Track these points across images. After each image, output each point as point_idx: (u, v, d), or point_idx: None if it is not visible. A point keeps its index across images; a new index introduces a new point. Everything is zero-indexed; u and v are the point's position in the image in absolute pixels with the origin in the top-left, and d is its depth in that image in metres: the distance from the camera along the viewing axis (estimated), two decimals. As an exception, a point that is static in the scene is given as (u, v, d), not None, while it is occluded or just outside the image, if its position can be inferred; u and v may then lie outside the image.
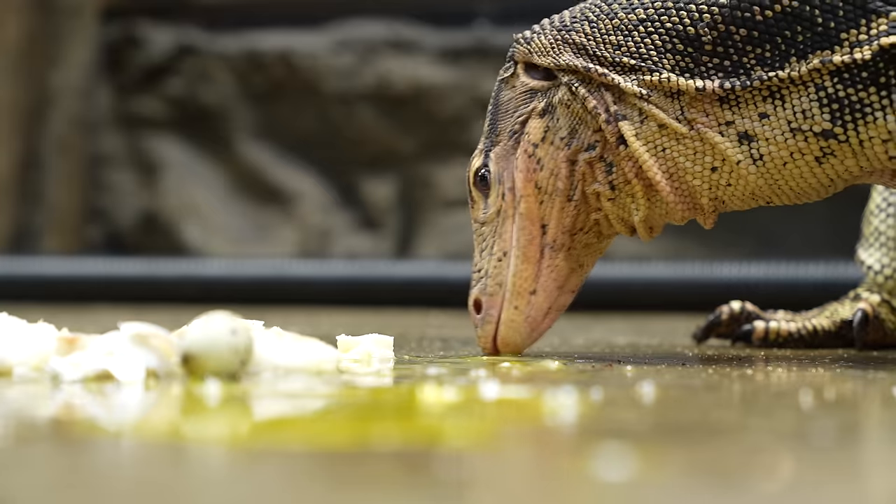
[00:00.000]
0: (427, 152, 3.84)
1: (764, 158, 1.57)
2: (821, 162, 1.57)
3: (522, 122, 1.64)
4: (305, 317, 2.81)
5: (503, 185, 1.64)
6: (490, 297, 1.63)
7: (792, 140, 1.56)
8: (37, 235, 4.01)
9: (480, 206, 1.66)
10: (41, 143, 4.03)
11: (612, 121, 1.60)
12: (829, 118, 1.55)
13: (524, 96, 1.65)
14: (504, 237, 1.63)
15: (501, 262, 1.63)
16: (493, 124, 1.66)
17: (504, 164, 1.64)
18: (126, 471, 0.91)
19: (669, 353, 1.80)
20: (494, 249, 1.64)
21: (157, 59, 4.06)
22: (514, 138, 1.64)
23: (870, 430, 1.15)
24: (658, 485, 0.85)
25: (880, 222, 1.88)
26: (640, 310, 3.00)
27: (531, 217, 1.62)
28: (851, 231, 2.06)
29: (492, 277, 1.63)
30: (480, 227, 1.66)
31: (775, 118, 1.56)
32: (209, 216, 4.01)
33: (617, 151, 1.60)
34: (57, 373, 1.32)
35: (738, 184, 1.59)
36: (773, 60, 1.56)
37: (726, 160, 1.58)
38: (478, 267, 1.65)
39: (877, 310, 1.85)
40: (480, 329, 1.64)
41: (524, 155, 1.63)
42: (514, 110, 1.65)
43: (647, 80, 1.59)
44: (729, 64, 1.57)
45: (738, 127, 1.57)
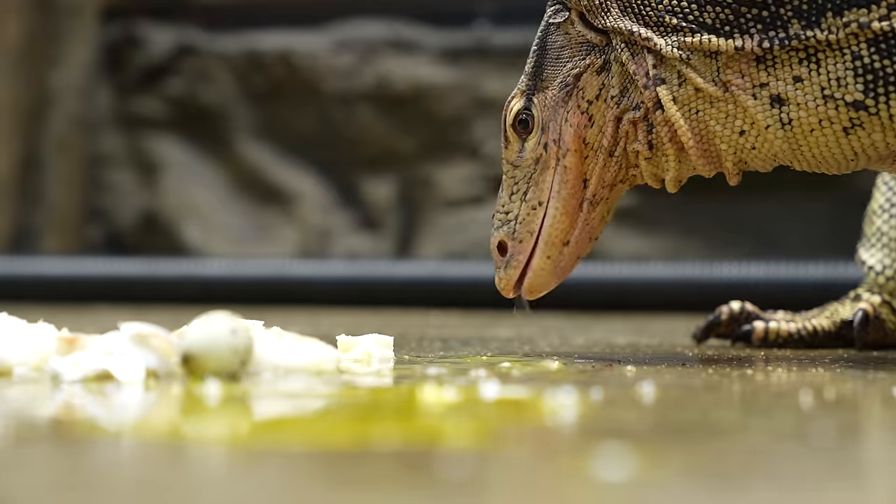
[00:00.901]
0: (427, 152, 3.84)
1: (793, 123, 1.58)
2: (848, 133, 1.57)
3: (577, 76, 1.63)
4: (305, 317, 2.81)
5: (547, 134, 1.64)
6: (519, 244, 1.64)
7: (823, 107, 1.57)
8: (37, 235, 4.01)
9: (515, 149, 1.66)
10: (41, 143, 4.03)
11: (651, 85, 1.60)
12: (863, 88, 1.55)
13: (580, 47, 1.64)
14: (542, 187, 1.64)
15: (536, 210, 1.64)
16: (539, 68, 1.65)
17: (550, 114, 1.64)
18: (126, 471, 0.90)
19: (669, 353, 1.80)
20: (528, 196, 1.64)
21: (157, 59, 4.05)
22: (566, 90, 1.64)
23: (870, 430, 1.15)
24: (658, 485, 0.85)
25: (883, 223, 1.88)
26: (640, 310, 3.00)
27: (576, 171, 1.63)
28: (851, 231, 2.06)
29: (523, 224, 1.64)
30: (513, 170, 1.66)
31: (809, 83, 1.57)
32: (209, 216, 4.01)
33: (655, 115, 1.61)
34: (57, 373, 1.32)
35: (763, 147, 1.60)
36: (808, 13, 1.56)
37: (755, 124, 1.59)
38: (506, 209, 1.65)
39: (877, 310, 1.85)
40: (503, 271, 1.65)
41: (577, 110, 1.63)
42: (568, 60, 1.64)
43: (687, 42, 1.59)
44: (767, 15, 1.57)
45: (771, 89, 1.58)
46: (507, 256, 1.65)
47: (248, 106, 3.99)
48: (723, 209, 3.57)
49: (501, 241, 1.66)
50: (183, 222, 4.02)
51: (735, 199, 3.53)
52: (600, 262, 3.21)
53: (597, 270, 3.12)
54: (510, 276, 1.65)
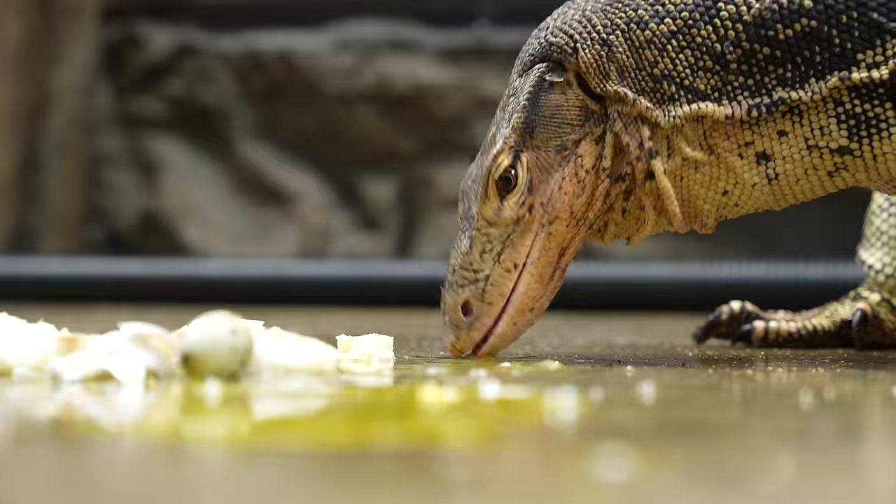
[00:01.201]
0: (427, 152, 3.84)
1: (779, 177, 1.58)
2: (832, 176, 1.58)
3: (576, 142, 1.58)
4: (305, 317, 2.81)
5: (534, 196, 1.57)
6: (489, 306, 1.57)
7: (808, 157, 1.57)
8: (37, 235, 4.01)
9: (493, 205, 1.58)
10: (41, 143, 4.03)
11: (645, 157, 1.57)
12: (847, 134, 1.55)
13: (578, 112, 1.59)
14: (519, 250, 1.57)
15: (510, 273, 1.57)
16: (530, 125, 1.58)
17: (541, 177, 1.58)
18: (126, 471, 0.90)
19: (669, 353, 1.80)
20: (503, 258, 1.57)
21: (157, 59, 4.06)
22: (564, 155, 1.58)
23: (870, 430, 1.15)
24: (658, 485, 0.85)
25: (882, 222, 1.88)
26: (640, 310, 3.00)
27: (559, 240, 1.58)
28: (851, 231, 2.06)
29: (494, 286, 1.57)
30: (487, 227, 1.58)
31: (793, 136, 1.57)
32: (209, 216, 4.01)
33: (643, 185, 1.58)
34: (57, 373, 1.32)
35: (747, 203, 1.60)
36: (793, 80, 1.56)
37: (739, 183, 1.58)
38: (475, 267, 1.57)
39: (876, 309, 1.85)
40: (465, 333, 1.57)
41: (573, 178, 1.58)
42: (564, 123, 1.58)
43: (683, 112, 1.57)
44: (752, 83, 1.56)
45: (756, 147, 1.57)
46: (470, 318, 1.57)
47: (248, 106, 4.00)
48: (723, 209, 3.57)
49: (467, 300, 1.57)
50: (183, 222, 4.02)
51: (735, 199, 3.53)
52: (600, 262, 3.21)
53: (597, 270, 3.12)
54: (472, 339, 1.58)
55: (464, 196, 1.62)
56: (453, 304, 1.57)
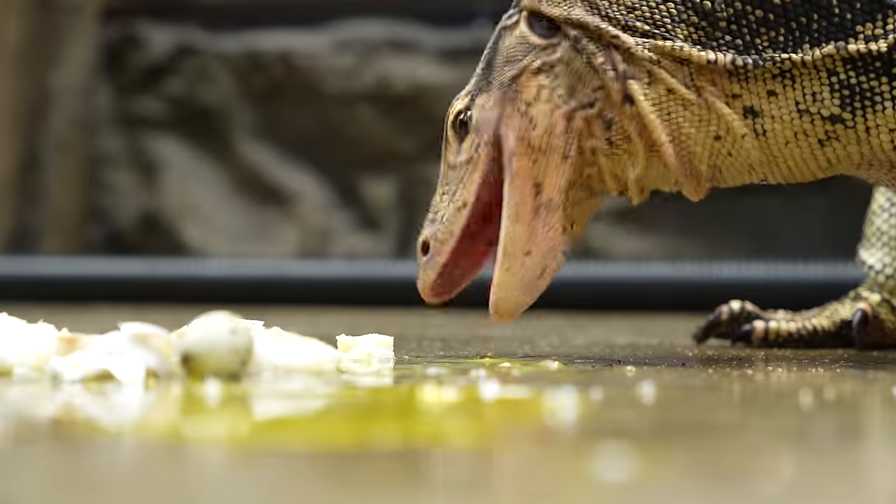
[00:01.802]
0: (427, 152, 3.84)
1: (767, 134, 1.57)
2: (823, 145, 1.57)
3: (513, 78, 1.59)
4: (305, 317, 2.81)
5: (480, 135, 1.60)
6: (440, 244, 1.59)
7: (798, 120, 1.56)
8: (37, 235, 4.01)
9: (454, 149, 1.62)
10: (41, 143, 4.03)
11: (621, 78, 1.56)
12: (839, 103, 1.55)
13: (521, 48, 1.60)
14: (469, 188, 1.59)
15: (460, 211, 1.59)
16: (488, 70, 1.61)
17: (486, 116, 1.60)
18: (126, 471, 0.90)
19: (669, 353, 1.80)
20: (455, 196, 1.60)
21: (157, 59, 4.06)
22: (503, 92, 1.59)
23: (870, 430, 1.15)
24: (658, 485, 0.85)
25: (882, 222, 1.88)
26: (640, 310, 3.00)
27: (524, 176, 1.57)
28: (851, 231, 2.06)
29: (446, 224, 1.59)
30: (449, 171, 1.61)
31: (783, 97, 1.56)
32: (209, 216, 4.01)
33: (622, 109, 1.57)
34: (57, 373, 1.32)
35: (739, 154, 1.58)
36: (785, 44, 1.55)
37: (730, 130, 1.57)
38: (436, 209, 1.61)
39: (876, 309, 1.85)
40: (422, 271, 1.61)
41: (516, 113, 1.58)
42: (509, 62, 1.60)
43: (658, 46, 1.56)
44: (741, 43, 1.56)
45: (744, 101, 1.57)
46: (426, 256, 1.60)
47: (248, 106, 4.00)
48: (722, 209, 3.57)
49: (426, 240, 1.61)
50: (183, 222, 4.02)
51: (735, 199, 3.52)
52: (600, 262, 3.21)
53: (597, 270, 3.12)
54: (427, 277, 1.60)
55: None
56: (418, 244, 1.62)
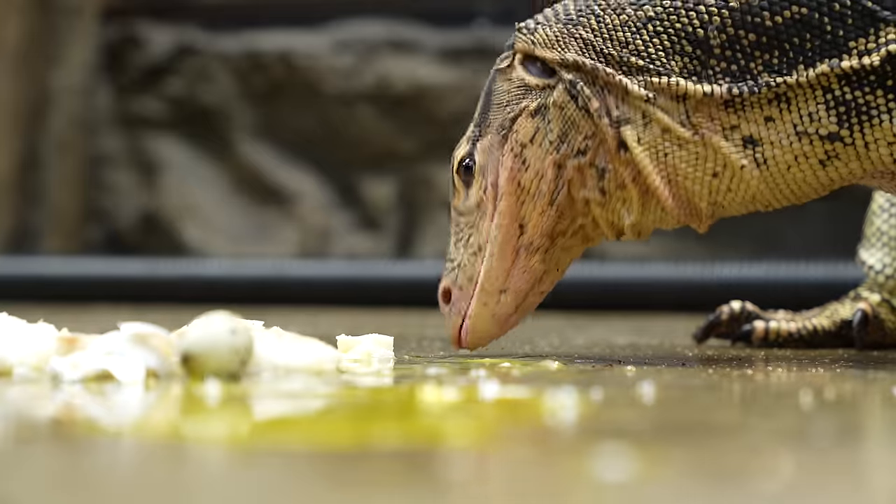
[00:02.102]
0: (427, 152, 3.84)
1: (768, 162, 1.56)
2: (825, 165, 1.56)
3: (512, 119, 1.61)
4: (305, 317, 2.80)
5: (486, 178, 1.62)
6: (460, 291, 1.62)
7: (797, 144, 1.55)
8: (37, 235, 4.01)
9: (462, 196, 1.66)
10: (41, 143, 4.03)
11: (615, 125, 1.57)
12: (836, 121, 1.54)
13: (518, 91, 1.62)
14: (481, 232, 1.62)
15: (476, 256, 1.62)
16: (485, 114, 1.64)
17: (489, 158, 1.62)
18: (126, 471, 0.90)
19: (669, 353, 1.80)
20: (470, 241, 1.63)
21: (157, 59, 4.06)
22: (503, 134, 1.61)
23: (870, 430, 1.15)
24: (658, 485, 0.85)
25: (883, 222, 1.88)
26: (640, 310, 3.00)
27: (511, 216, 1.60)
28: (851, 231, 2.06)
29: (464, 270, 1.62)
30: (458, 218, 1.65)
31: (781, 122, 1.55)
32: (209, 216, 4.01)
33: (616, 156, 1.57)
34: (57, 373, 1.32)
35: (740, 188, 1.57)
36: (780, 67, 1.55)
37: (728, 165, 1.56)
38: (451, 257, 1.64)
39: (876, 310, 1.85)
40: (448, 320, 1.63)
41: (510, 154, 1.60)
42: (507, 104, 1.62)
43: (653, 83, 1.56)
44: (736, 69, 1.55)
45: (742, 131, 1.56)
46: (449, 305, 1.63)
47: (248, 106, 4.00)
48: (723, 209, 3.57)
49: (446, 288, 1.63)
50: (183, 222, 4.02)
51: (735, 199, 3.53)
52: (600, 262, 3.21)
53: (597, 270, 3.12)
54: (454, 324, 1.62)
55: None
56: (440, 294, 1.64)
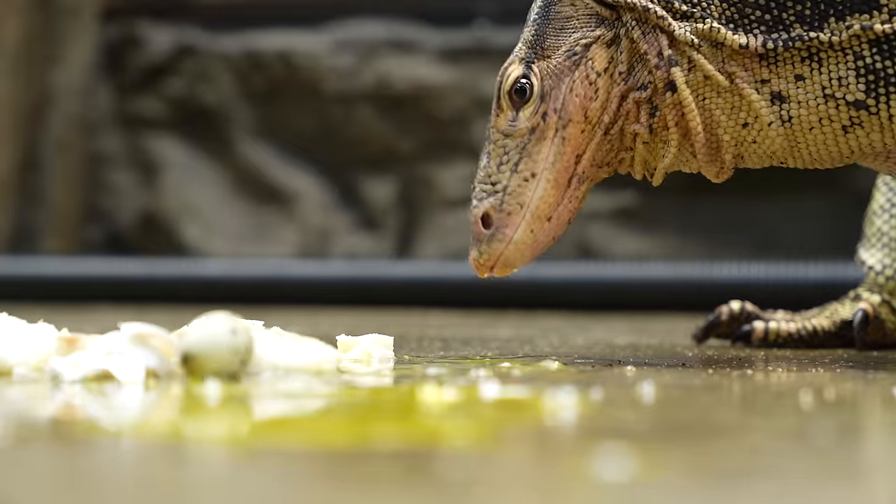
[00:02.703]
0: (427, 152, 3.84)
1: (793, 121, 1.57)
2: (847, 131, 1.57)
3: (586, 46, 1.58)
4: (305, 317, 2.81)
5: (547, 103, 1.58)
6: (507, 216, 1.56)
7: (823, 106, 1.57)
8: (37, 235, 4.01)
9: (507, 117, 1.60)
10: (41, 143, 4.03)
11: (664, 66, 1.57)
12: (864, 89, 1.55)
13: (588, 19, 1.59)
14: (535, 158, 1.57)
15: (528, 182, 1.57)
16: (541, 37, 1.59)
17: (553, 83, 1.58)
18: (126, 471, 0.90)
19: (669, 353, 1.80)
20: (520, 167, 1.57)
21: (157, 59, 4.05)
22: (574, 60, 1.58)
23: (870, 430, 1.15)
24: (658, 485, 0.85)
25: (883, 223, 1.88)
26: (640, 310, 3.00)
27: (574, 144, 1.58)
28: (851, 231, 2.06)
29: (512, 195, 1.57)
30: (503, 139, 1.59)
31: (811, 82, 1.57)
32: (209, 216, 4.01)
33: (663, 97, 1.58)
34: (57, 373, 1.32)
35: (764, 142, 1.59)
36: (811, 18, 1.56)
37: (758, 118, 1.58)
38: (493, 179, 1.57)
39: (877, 310, 1.85)
40: (486, 246, 1.56)
41: (585, 81, 1.58)
42: (574, 30, 1.59)
43: (698, 29, 1.57)
44: (770, 18, 1.57)
45: (772, 86, 1.57)
46: (490, 230, 1.57)
47: (248, 106, 4.00)
48: (723, 209, 3.57)
49: (487, 212, 1.57)
50: (183, 222, 4.02)
51: (735, 199, 3.53)
52: (600, 262, 3.21)
53: (597, 270, 3.12)
54: (494, 251, 1.57)
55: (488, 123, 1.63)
56: (474, 217, 1.57)
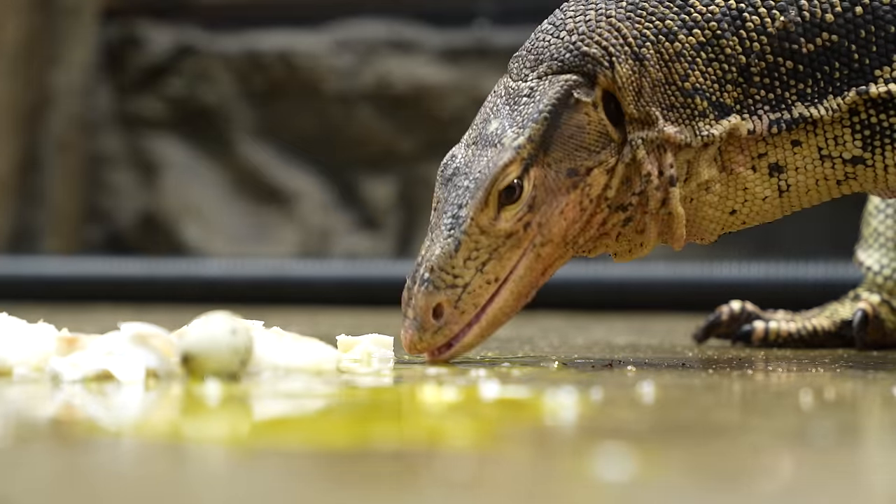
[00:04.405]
0: (427, 152, 3.84)
1: (790, 189, 1.56)
2: (840, 184, 1.57)
3: (588, 170, 1.52)
4: (305, 317, 2.81)
5: (533, 214, 1.51)
6: (461, 315, 1.50)
7: (820, 167, 1.55)
8: (37, 235, 4.01)
9: (490, 214, 1.50)
10: (41, 143, 4.03)
11: (664, 186, 1.53)
12: (861, 144, 1.54)
13: (597, 138, 1.52)
14: (504, 264, 1.51)
15: (489, 285, 1.50)
16: (547, 141, 1.51)
17: (545, 197, 1.51)
18: (126, 471, 0.91)
19: (669, 353, 1.80)
20: (487, 269, 1.50)
21: (157, 59, 4.06)
22: (574, 181, 1.51)
23: (870, 430, 1.15)
24: (658, 485, 0.85)
25: (879, 223, 1.88)
26: (640, 310, 3.00)
27: (545, 262, 1.53)
28: (851, 231, 2.06)
29: (471, 295, 1.50)
30: (478, 234, 1.50)
31: (807, 145, 1.55)
32: (209, 216, 4.01)
33: (655, 214, 1.54)
34: (57, 373, 1.32)
35: (754, 219, 1.59)
36: (812, 96, 1.54)
37: (748, 200, 1.56)
38: (456, 272, 1.49)
39: (877, 310, 1.85)
40: (430, 335, 1.49)
41: (577, 206, 1.52)
42: (581, 147, 1.52)
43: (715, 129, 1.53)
44: (773, 98, 1.54)
45: (769, 158, 1.55)
46: (440, 321, 1.49)
47: (248, 106, 4.00)
48: (723, 209, 3.57)
49: (441, 304, 1.49)
50: (183, 222, 4.02)
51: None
52: (601, 262, 3.21)
53: (597, 270, 3.12)
54: (435, 343, 1.50)
55: (447, 184, 1.55)
56: (425, 305, 1.50)
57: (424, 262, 1.51)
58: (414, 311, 1.50)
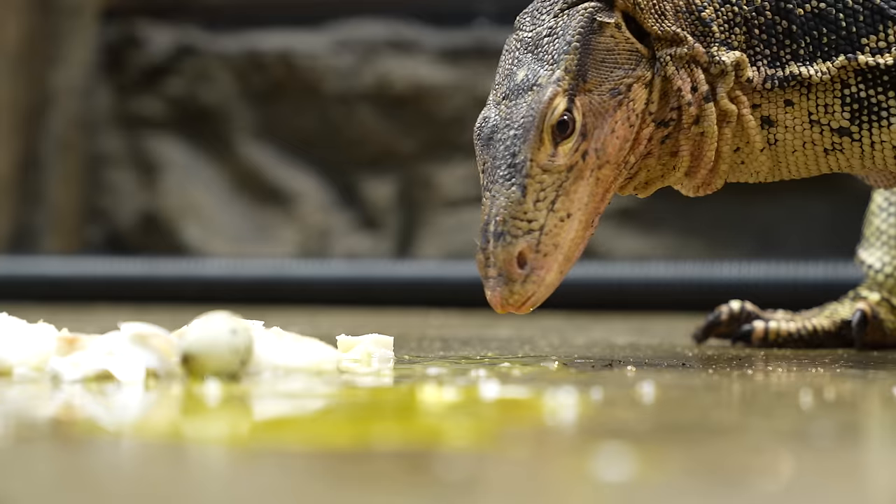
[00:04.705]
0: (427, 152, 3.84)
1: (778, 143, 1.60)
2: (828, 153, 1.61)
3: (629, 86, 1.53)
4: (305, 317, 2.81)
5: (588, 142, 1.52)
6: (544, 257, 1.48)
7: (808, 131, 1.59)
8: (37, 235, 4.01)
9: (548, 152, 1.50)
10: (41, 143, 4.03)
11: (697, 102, 1.56)
12: (849, 116, 1.58)
13: (629, 55, 1.55)
14: (572, 197, 1.50)
15: (564, 222, 1.50)
16: (583, 68, 1.52)
17: (596, 122, 1.52)
18: (126, 471, 0.91)
19: (669, 353, 1.80)
20: (557, 206, 1.49)
21: (157, 59, 4.05)
22: (618, 99, 1.53)
23: (870, 430, 1.15)
24: (658, 485, 0.85)
25: (881, 221, 1.88)
26: (640, 310, 3.00)
27: (605, 185, 1.53)
28: (851, 231, 2.06)
29: (549, 236, 1.49)
30: (541, 174, 1.49)
31: (799, 108, 1.59)
32: (209, 216, 4.01)
33: (687, 130, 1.57)
34: (57, 373, 1.32)
35: (751, 164, 1.61)
36: (804, 57, 1.59)
37: (749, 142, 1.59)
38: (529, 216, 1.48)
39: (876, 309, 1.85)
40: (520, 286, 1.47)
41: (626, 123, 1.53)
42: (616, 65, 1.54)
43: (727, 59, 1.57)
44: (770, 53, 1.59)
45: (763, 111, 1.59)
46: (525, 269, 1.48)
47: (248, 106, 4.00)
48: (723, 209, 3.57)
49: (522, 252, 1.47)
50: (183, 222, 4.02)
51: (735, 199, 3.52)
52: (600, 262, 3.21)
53: (597, 270, 3.12)
54: (526, 292, 1.47)
55: (489, 143, 1.52)
56: (508, 256, 1.47)
57: (493, 219, 1.49)
58: (496, 267, 1.47)
